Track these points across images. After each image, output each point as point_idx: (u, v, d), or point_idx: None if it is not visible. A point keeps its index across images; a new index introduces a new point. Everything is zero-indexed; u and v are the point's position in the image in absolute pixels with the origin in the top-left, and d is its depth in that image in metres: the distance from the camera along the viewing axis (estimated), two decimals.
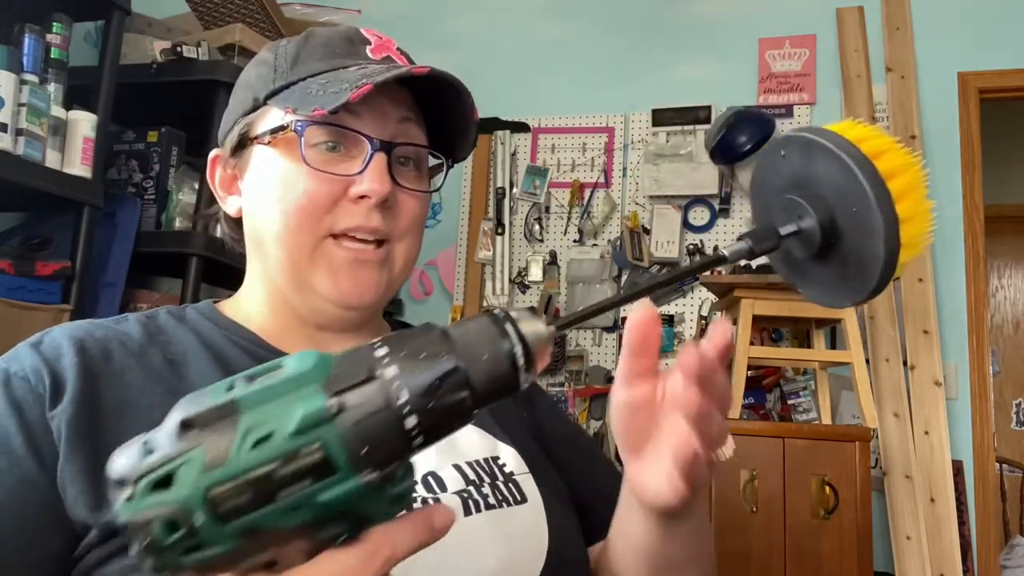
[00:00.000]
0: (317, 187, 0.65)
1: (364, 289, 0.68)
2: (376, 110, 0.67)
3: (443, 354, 0.37)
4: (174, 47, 2.05)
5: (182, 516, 0.33)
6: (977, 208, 2.76)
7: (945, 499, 2.44)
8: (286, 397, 0.35)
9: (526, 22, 3.26)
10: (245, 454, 0.34)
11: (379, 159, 0.66)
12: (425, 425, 0.36)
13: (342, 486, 0.35)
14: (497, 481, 0.67)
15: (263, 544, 0.35)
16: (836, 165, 0.45)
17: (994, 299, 4.96)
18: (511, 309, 0.40)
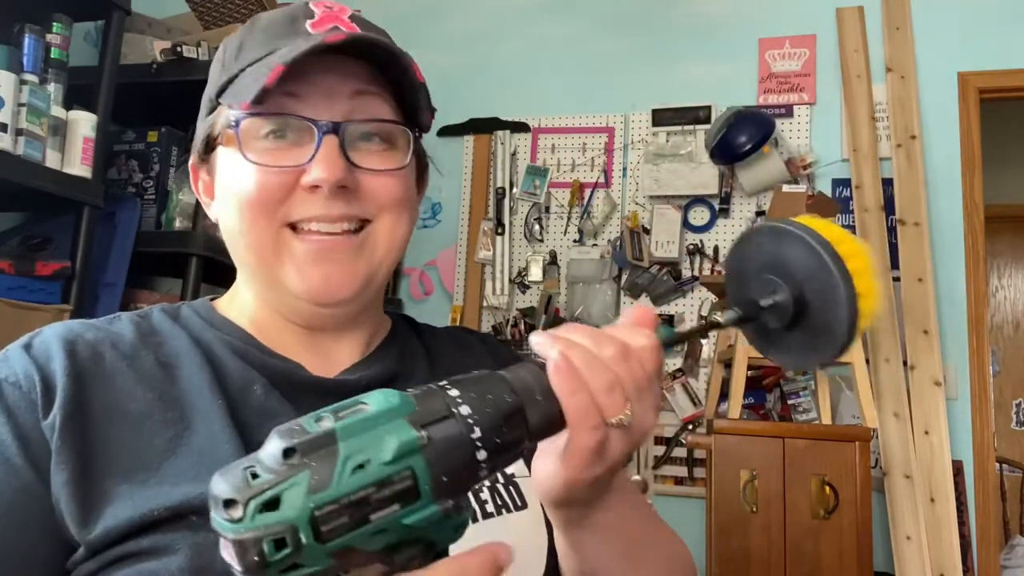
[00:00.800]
0: (266, 179, 0.61)
1: (336, 283, 0.63)
2: (321, 88, 0.62)
3: (506, 395, 0.42)
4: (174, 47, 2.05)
5: (290, 535, 0.36)
6: (977, 208, 2.76)
7: (945, 499, 2.44)
8: (378, 429, 0.39)
9: (526, 22, 3.26)
10: (346, 479, 0.37)
11: (329, 143, 0.61)
12: (491, 458, 0.41)
13: (424, 512, 0.39)
14: (497, 484, 0.65)
15: (350, 564, 0.38)
16: (804, 249, 0.54)
17: (994, 299, 4.96)
18: None
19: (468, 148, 3.19)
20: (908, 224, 2.70)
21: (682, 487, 2.81)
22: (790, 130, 2.93)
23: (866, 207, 2.74)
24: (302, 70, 0.60)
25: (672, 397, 2.85)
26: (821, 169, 2.88)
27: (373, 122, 0.64)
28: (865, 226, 2.72)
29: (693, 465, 2.80)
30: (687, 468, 2.81)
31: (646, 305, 2.96)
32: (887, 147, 2.81)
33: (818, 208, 2.27)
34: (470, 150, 3.18)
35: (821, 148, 2.90)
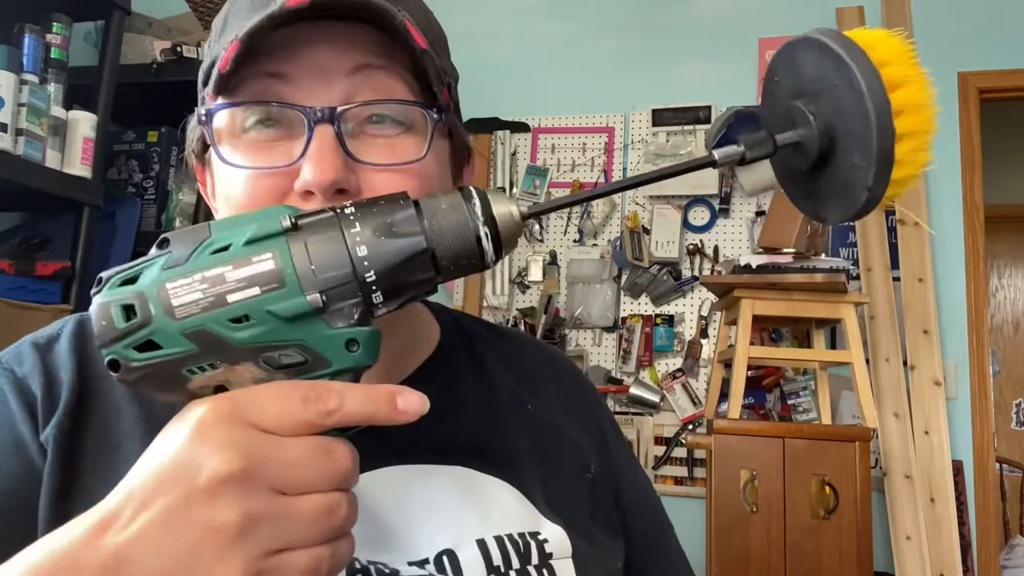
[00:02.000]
0: (255, 185, 0.50)
1: None
2: (314, 66, 0.50)
3: (411, 232, 0.38)
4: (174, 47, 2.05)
5: (139, 303, 0.36)
6: (977, 208, 2.76)
7: (945, 499, 2.44)
8: (252, 222, 0.38)
9: (526, 22, 3.26)
10: (204, 256, 0.37)
11: (321, 134, 0.48)
12: (383, 283, 0.38)
13: (289, 301, 0.36)
14: (529, 566, 0.54)
15: (214, 355, 0.37)
16: (833, 64, 0.43)
17: (994, 299, 4.96)
18: (489, 191, 0.41)
19: None
20: (908, 224, 2.70)
21: (682, 487, 2.81)
22: None
23: None
24: (287, 44, 0.49)
25: (672, 397, 2.85)
26: None
27: (376, 103, 0.51)
28: (865, 226, 2.72)
29: (693, 465, 2.80)
30: (687, 468, 2.81)
31: (646, 305, 2.96)
32: None
33: None
34: None
35: None
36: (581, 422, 0.68)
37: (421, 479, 0.55)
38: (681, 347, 2.90)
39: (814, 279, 2.15)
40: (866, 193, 0.43)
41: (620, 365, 2.92)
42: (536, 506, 0.58)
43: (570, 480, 0.62)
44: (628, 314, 2.95)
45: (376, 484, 0.53)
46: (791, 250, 2.20)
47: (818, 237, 2.27)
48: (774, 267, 2.19)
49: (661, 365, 2.90)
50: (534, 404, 0.65)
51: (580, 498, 0.62)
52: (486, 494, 0.56)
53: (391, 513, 0.53)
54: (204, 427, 0.34)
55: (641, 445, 2.84)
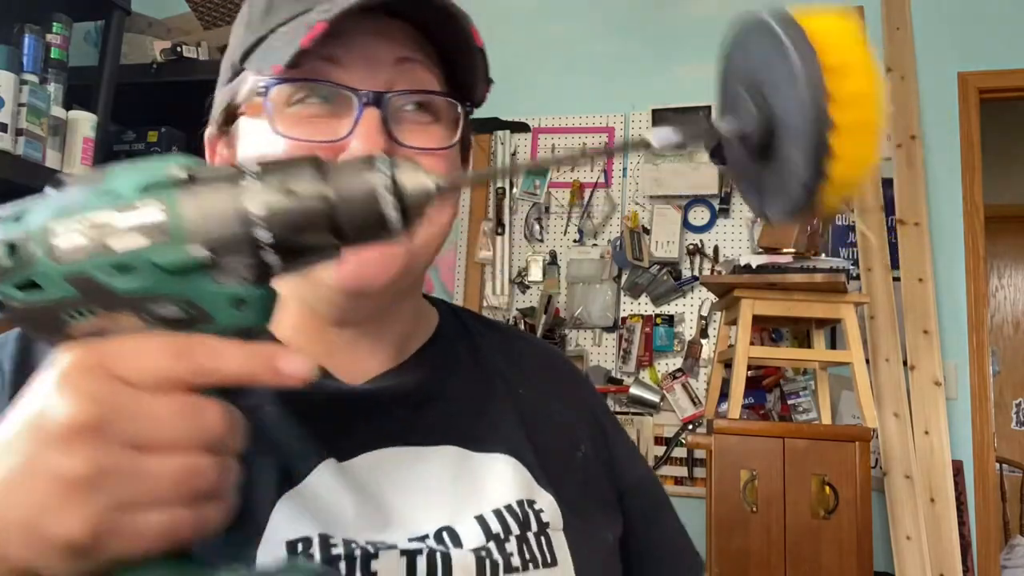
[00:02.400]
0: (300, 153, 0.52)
1: (372, 271, 0.55)
2: (363, 54, 0.55)
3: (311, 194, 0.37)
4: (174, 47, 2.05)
5: (21, 242, 0.36)
6: (977, 208, 2.76)
7: (945, 499, 2.44)
8: (150, 169, 0.37)
9: (526, 22, 3.26)
10: (91, 200, 0.36)
11: (369, 116, 0.54)
12: (277, 244, 0.36)
13: (174, 252, 0.35)
14: (528, 533, 0.57)
15: (95, 302, 0.36)
16: (775, 47, 0.40)
17: (994, 299, 4.96)
18: (400, 159, 0.39)
19: None
20: (908, 224, 2.70)
21: (682, 487, 2.81)
22: None
23: (866, 207, 2.74)
24: (341, 32, 0.52)
25: (672, 397, 2.85)
26: None
27: (419, 93, 0.56)
28: (865, 226, 2.72)
29: (693, 465, 2.80)
30: (687, 468, 2.81)
31: (646, 305, 2.96)
32: (887, 147, 2.81)
33: None
34: None
35: None
36: (574, 408, 0.71)
37: (418, 461, 0.57)
38: (681, 347, 2.90)
39: (814, 279, 2.15)
40: (802, 189, 0.40)
41: (620, 365, 2.92)
42: (531, 473, 0.60)
43: (561, 456, 0.64)
44: (628, 314, 2.95)
45: (374, 466, 0.55)
46: (791, 250, 2.20)
47: (818, 237, 2.27)
48: (774, 267, 2.19)
49: (661, 365, 2.90)
50: (526, 390, 0.68)
51: (571, 473, 0.64)
52: (482, 469, 0.59)
53: (390, 494, 0.55)
54: (65, 375, 0.33)
55: (641, 445, 2.84)
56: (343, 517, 0.52)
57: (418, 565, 0.51)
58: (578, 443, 0.67)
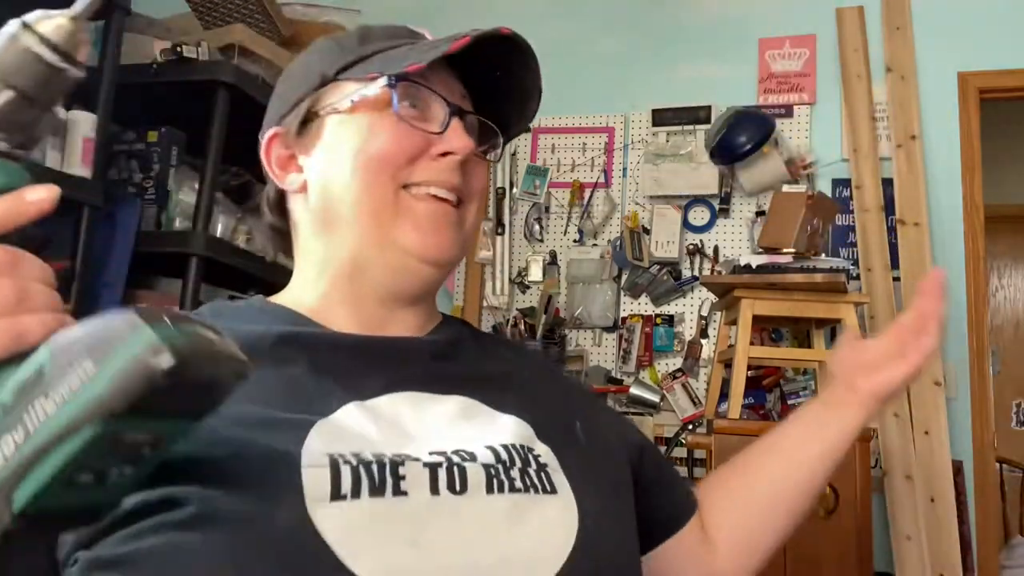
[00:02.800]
0: (400, 140, 0.68)
1: (447, 243, 0.70)
2: (444, 83, 0.72)
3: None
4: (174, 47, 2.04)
5: None
6: (977, 208, 2.76)
7: (945, 499, 2.44)
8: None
9: (526, 22, 3.25)
10: None
11: (456, 121, 0.70)
12: None
13: None
14: (529, 468, 0.64)
15: None
16: None
17: (994, 299, 4.96)
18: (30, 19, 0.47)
19: None
20: (908, 224, 2.70)
21: None
22: (790, 130, 2.93)
23: (866, 207, 2.74)
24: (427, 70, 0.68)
25: (672, 397, 2.85)
26: (821, 169, 2.88)
27: (481, 118, 0.74)
28: (865, 226, 2.72)
29: (693, 465, 2.80)
30: (687, 468, 2.81)
31: (646, 305, 2.96)
32: (887, 147, 2.81)
33: (818, 208, 2.27)
34: None
35: (821, 148, 2.90)
36: (563, 388, 0.82)
37: (436, 403, 0.67)
38: (681, 347, 2.90)
39: (814, 279, 2.15)
40: None
41: (620, 365, 2.92)
42: (532, 428, 0.69)
43: (558, 424, 0.72)
44: (628, 314, 2.95)
45: (400, 402, 0.65)
46: (791, 250, 2.20)
47: (818, 237, 2.27)
48: (774, 267, 2.19)
49: (661, 365, 2.90)
50: (529, 372, 0.79)
51: (569, 439, 0.71)
52: (489, 416, 0.68)
53: (412, 424, 0.64)
54: None
55: None
56: (369, 439, 0.60)
57: (439, 473, 0.59)
58: (574, 418, 0.75)
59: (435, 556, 0.55)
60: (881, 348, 0.86)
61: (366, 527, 0.54)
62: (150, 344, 0.38)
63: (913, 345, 0.84)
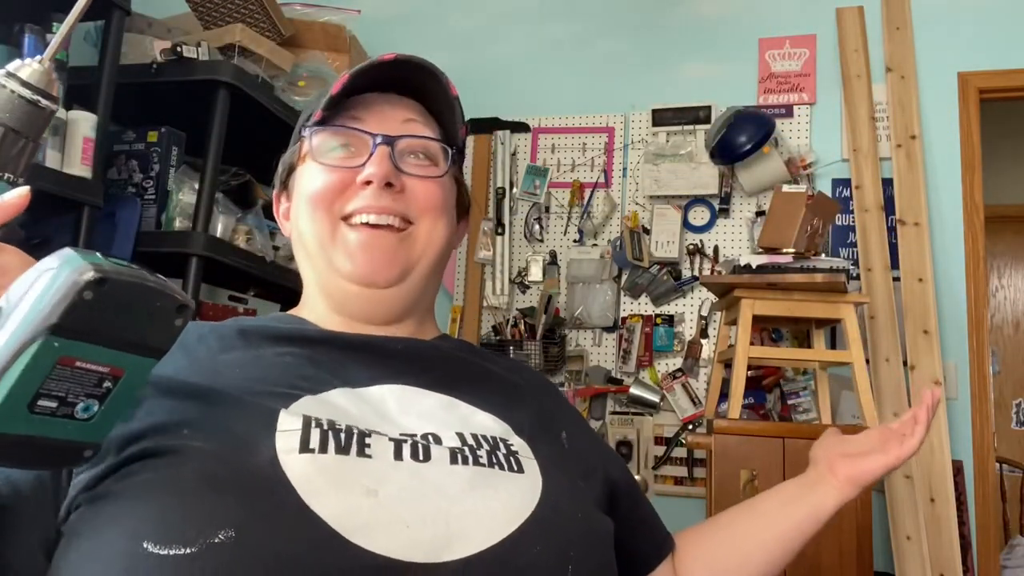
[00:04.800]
0: (329, 177, 0.76)
1: (380, 266, 0.75)
2: (379, 114, 0.78)
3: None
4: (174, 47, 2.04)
5: None
6: (977, 208, 2.76)
7: (945, 499, 2.44)
8: None
9: (526, 22, 3.26)
10: None
11: (382, 150, 0.75)
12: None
13: None
14: (498, 452, 0.68)
15: None
16: None
17: (994, 299, 4.96)
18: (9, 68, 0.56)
19: (468, 148, 3.18)
20: (908, 224, 2.70)
21: (682, 487, 2.81)
22: (790, 130, 2.93)
23: (866, 207, 2.74)
24: (365, 100, 0.78)
25: (672, 397, 2.85)
26: (821, 169, 2.88)
27: (418, 138, 0.78)
28: (865, 226, 2.72)
29: (693, 465, 2.80)
30: (687, 468, 2.81)
31: (646, 305, 2.96)
32: (887, 147, 2.81)
33: (818, 208, 2.26)
34: (470, 150, 3.18)
35: (821, 148, 2.90)
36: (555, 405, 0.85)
37: (418, 396, 0.72)
38: (681, 347, 2.90)
39: (814, 279, 2.15)
40: None
41: (620, 365, 2.92)
42: (510, 426, 0.73)
43: (541, 428, 0.76)
44: (628, 314, 2.95)
45: (381, 392, 0.71)
46: (791, 250, 2.20)
47: (818, 237, 2.27)
48: (774, 267, 2.19)
49: (661, 365, 2.90)
50: (524, 383, 0.83)
51: (551, 445, 0.75)
52: (468, 412, 0.73)
53: (391, 410, 0.69)
54: None
55: (641, 445, 2.84)
56: (348, 414, 0.66)
57: (403, 449, 0.64)
58: (560, 428, 0.79)
59: (392, 506, 0.58)
60: (864, 444, 0.90)
61: (329, 476, 0.58)
62: (77, 266, 0.43)
63: (895, 443, 0.88)
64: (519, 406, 0.77)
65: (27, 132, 0.54)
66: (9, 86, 0.53)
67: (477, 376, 0.79)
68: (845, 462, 0.89)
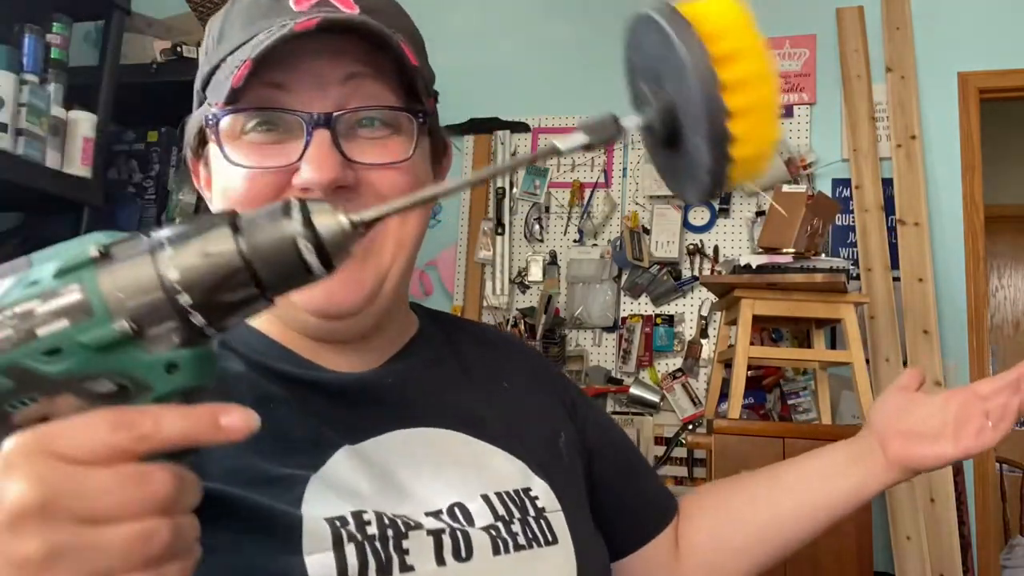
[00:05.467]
0: (254, 182, 0.56)
1: (341, 296, 0.57)
2: (310, 75, 0.56)
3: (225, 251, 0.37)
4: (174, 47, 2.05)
5: None
6: (977, 208, 2.76)
7: (945, 499, 2.44)
8: (64, 253, 0.37)
9: (526, 22, 3.26)
10: (15, 292, 0.36)
11: (320, 137, 0.55)
12: (200, 305, 0.37)
13: (97, 329, 0.36)
14: (528, 517, 0.62)
15: (32, 389, 0.37)
16: (663, 41, 0.42)
17: (994, 299, 4.96)
18: (313, 201, 0.39)
19: (468, 148, 3.19)
20: (908, 224, 2.70)
21: (682, 487, 2.81)
22: (790, 130, 2.93)
23: (866, 207, 2.74)
24: (286, 56, 0.54)
25: (672, 397, 2.85)
26: (821, 169, 2.88)
27: (370, 108, 0.57)
28: (865, 226, 2.72)
29: (693, 465, 2.80)
30: (687, 468, 2.81)
31: (646, 305, 2.96)
32: (887, 147, 2.81)
33: (818, 208, 2.26)
34: (470, 150, 3.18)
35: (821, 148, 2.90)
36: (549, 394, 0.76)
37: (423, 443, 0.62)
38: (681, 347, 2.90)
39: (814, 279, 2.15)
40: (708, 176, 0.43)
41: (620, 365, 2.92)
42: (525, 463, 0.65)
43: (545, 443, 0.69)
44: (628, 314, 2.95)
45: (387, 447, 0.60)
46: (791, 250, 2.20)
47: (818, 237, 2.27)
48: (774, 267, 2.19)
49: (661, 365, 2.90)
50: (509, 383, 0.73)
51: (556, 460, 0.69)
52: (481, 456, 0.64)
53: (402, 472, 0.59)
54: (8, 461, 0.34)
55: (641, 445, 2.84)
56: (363, 495, 0.56)
57: (443, 540, 0.56)
58: (559, 430, 0.72)
59: None
60: (933, 422, 0.71)
61: None
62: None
63: (972, 428, 0.69)
64: (521, 421, 0.69)
65: (269, 287, 0.38)
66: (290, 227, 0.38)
67: (468, 386, 0.69)
68: (901, 441, 0.72)
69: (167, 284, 0.37)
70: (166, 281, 0.37)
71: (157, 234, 0.38)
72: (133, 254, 0.37)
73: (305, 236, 0.38)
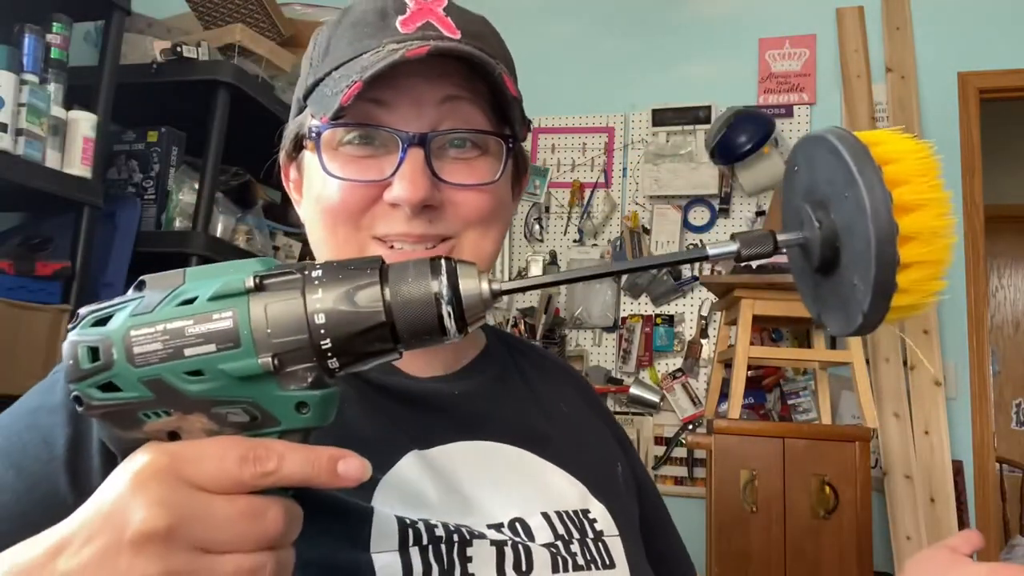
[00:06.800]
0: (348, 194, 0.59)
1: None
2: (409, 95, 0.58)
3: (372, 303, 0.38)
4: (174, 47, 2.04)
5: (103, 346, 0.38)
6: (977, 208, 2.76)
7: (945, 499, 2.44)
8: (223, 276, 0.39)
9: (526, 22, 3.26)
10: (169, 308, 0.38)
11: (414, 156, 0.57)
12: (338, 351, 0.38)
13: (242, 361, 0.37)
14: (587, 539, 0.62)
15: (168, 403, 0.38)
16: (844, 173, 0.40)
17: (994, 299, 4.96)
18: (460, 262, 0.40)
19: None
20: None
21: (682, 487, 2.81)
22: (790, 130, 2.93)
23: None
24: (388, 75, 0.56)
25: (672, 397, 2.85)
26: None
27: (461, 131, 0.60)
28: None
29: (693, 465, 2.80)
30: (687, 468, 2.81)
31: (646, 304, 2.96)
32: None
33: None
34: None
35: None
36: (604, 425, 0.77)
37: (486, 455, 0.63)
38: (681, 347, 2.90)
39: None
40: (861, 317, 0.42)
41: (620, 365, 2.92)
42: (585, 485, 0.65)
43: (604, 470, 0.70)
44: (628, 314, 2.95)
45: (452, 457, 0.61)
46: None
47: None
48: (774, 267, 2.19)
49: (661, 365, 2.90)
50: (568, 408, 0.74)
51: (614, 486, 0.70)
52: (541, 474, 0.64)
53: (466, 483, 0.60)
54: (140, 479, 0.36)
55: (641, 445, 2.84)
56: (428, 502, 0.57)
57: (506, 555, 0.57)
58: (615, 460, 0.73)
59: None
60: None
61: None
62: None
63: None
64: (580, 444, 0.70)
65: (402, 340, 0.39)
66: (437, 287, 0.39)
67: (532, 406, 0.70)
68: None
69: (313, 327, 0.38)
70: (312, 324, 0.38)
71: (310, 272, 0.39)
72: (286, 290, 0.38)
73: (448, 300, 0.39)
